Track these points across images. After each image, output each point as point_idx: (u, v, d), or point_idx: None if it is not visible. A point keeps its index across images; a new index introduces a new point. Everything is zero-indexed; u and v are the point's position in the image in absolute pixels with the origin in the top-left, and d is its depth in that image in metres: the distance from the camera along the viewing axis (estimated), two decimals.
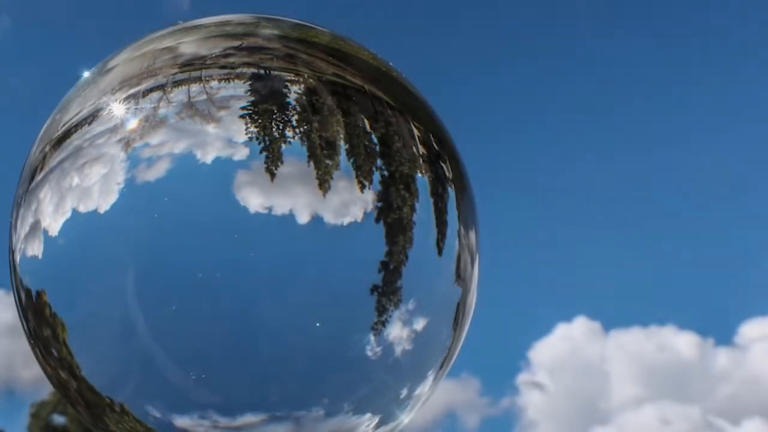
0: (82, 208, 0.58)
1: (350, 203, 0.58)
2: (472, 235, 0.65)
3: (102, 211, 0.57)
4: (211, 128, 0.58)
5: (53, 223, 0.59)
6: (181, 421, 0.59)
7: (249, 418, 0.59)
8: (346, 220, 0.57)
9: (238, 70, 0.61)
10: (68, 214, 0.58)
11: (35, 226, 0.60)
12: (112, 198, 0.57)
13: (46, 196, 0.60)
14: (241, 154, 0.57)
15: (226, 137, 0.58)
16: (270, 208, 0.56)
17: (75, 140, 0.60)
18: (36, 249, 0.60)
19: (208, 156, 0.57)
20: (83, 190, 0.58)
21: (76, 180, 0.59)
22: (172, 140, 0.58)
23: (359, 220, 0.58)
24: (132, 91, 0.61)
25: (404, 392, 0.63)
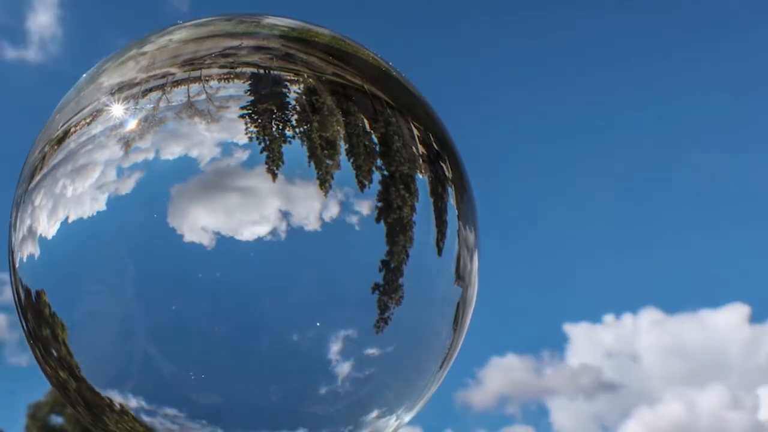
0: (81, 209, 0.58)
1: (351, 203, 0.58)
2: (472, 234, 0.65)
3: (101, 211, 0.57)
4: (210, 128, 0.58)
5: (52, 223, 0.59)
6: (180, 420, 0.59)
7: (248, 419, 0.59)
8: (347, 220, 0.57)
9: (238, 70, 0.61)
10: (67, 216, 0.58)
11: (34, 226, 0.60)
12: (113, 198, 0.57)
13: (43, 199, 0.60)
14: (242, 154, 0.57)
15: (226, 137, 0.57)
16: (270, 208, 0.56)
17: (72, 142, 0.60)
18: (35, 249, 0.60)
19: (207, 156, 0.57)
20: (80, 192, 0.58)
21: (73, 182, 0.59)
22: (170, 140, 0.58)
23: (359, 220, 0.58)
24: (131, 91, 0.61)
25: (405, 392, 0.63)
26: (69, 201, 0.58)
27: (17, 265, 0.62)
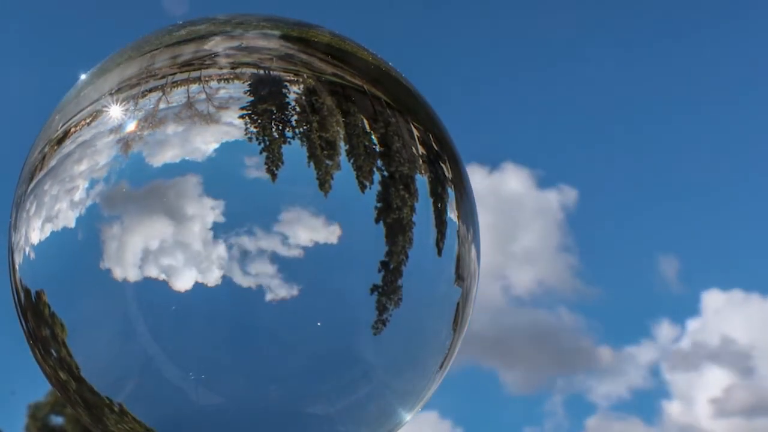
0: (80, 209, 0.58)
1: (350, 203, 0.58)
2: (472, 234, 0.66)
3: (99, 214, 0.57)
4: (210, 128, 0.58)
5: (50, 223, 0.59)
6: (180, 421, 0.59)
7: (248, 420, 0.59)
8: (346, 221, 0.57)
9: (238, 70, 0.61)
10: (65, 215, 0.58)
11: (34, 226, 0.60)
12: (109, 200, 0.57)
13: (38, 205, 0.60)
14: (241, 154, 0.57)
15: (226, 137, 0.58)
16: (269, 209, 0.56)
17: (66, 147, 0.60)
18: (35, 249, 0.60)
19: (205, 155, 0.57)
20: (75, 197, 0.58)
21: (65, 187, 0.59)
22: (167, 142, 0.58)
23: (359, 221, 0.58)
24: (131, 91, 0.61)
25: (405, 392, 0.63)
26: (64, 206, 0.58)
27: (17, 265, 0.62)
